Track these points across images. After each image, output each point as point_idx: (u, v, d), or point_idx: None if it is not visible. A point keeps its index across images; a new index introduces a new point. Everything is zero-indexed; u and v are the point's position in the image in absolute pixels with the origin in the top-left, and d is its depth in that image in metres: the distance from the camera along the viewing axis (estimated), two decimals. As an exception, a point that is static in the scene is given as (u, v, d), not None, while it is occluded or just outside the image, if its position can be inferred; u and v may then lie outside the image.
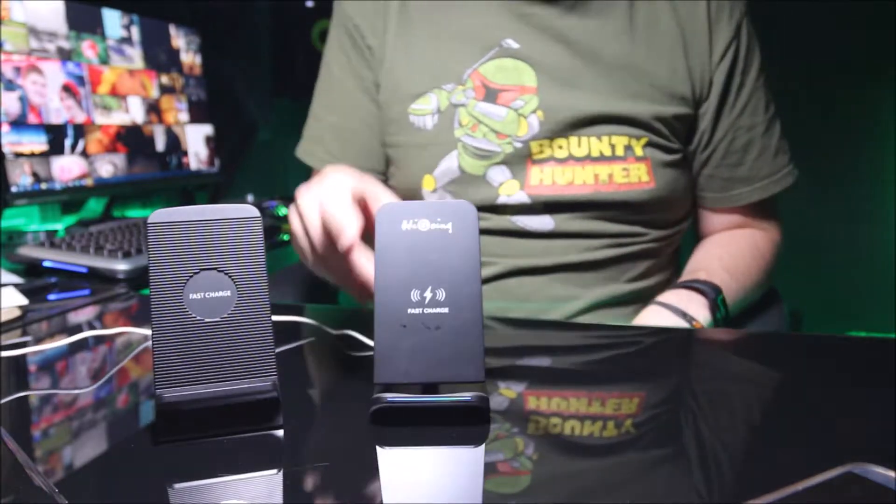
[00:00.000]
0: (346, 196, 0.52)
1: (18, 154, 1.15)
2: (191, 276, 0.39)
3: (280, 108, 2.00)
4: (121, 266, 0.90)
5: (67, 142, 1.24)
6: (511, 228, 0.76)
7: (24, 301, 0.69)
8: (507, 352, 0.58)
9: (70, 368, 0.55)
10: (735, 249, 0.81)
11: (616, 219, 0.76)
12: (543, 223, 0.76)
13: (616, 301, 0.78)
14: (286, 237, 1.31)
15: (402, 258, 0.41)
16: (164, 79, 1.49)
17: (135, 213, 1.53)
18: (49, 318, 0.69)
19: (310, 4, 1.96)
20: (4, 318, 0.65)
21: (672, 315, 0.71)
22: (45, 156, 1.19)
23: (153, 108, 1.45)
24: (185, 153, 1.55)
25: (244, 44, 1.80)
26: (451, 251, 0.41)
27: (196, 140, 1.58)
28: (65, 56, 1.24)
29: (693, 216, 0.86)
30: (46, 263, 0.94)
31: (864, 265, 1.53)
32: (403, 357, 0.40)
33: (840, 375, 0.51)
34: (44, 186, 1.19)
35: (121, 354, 0.57)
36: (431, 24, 0.78)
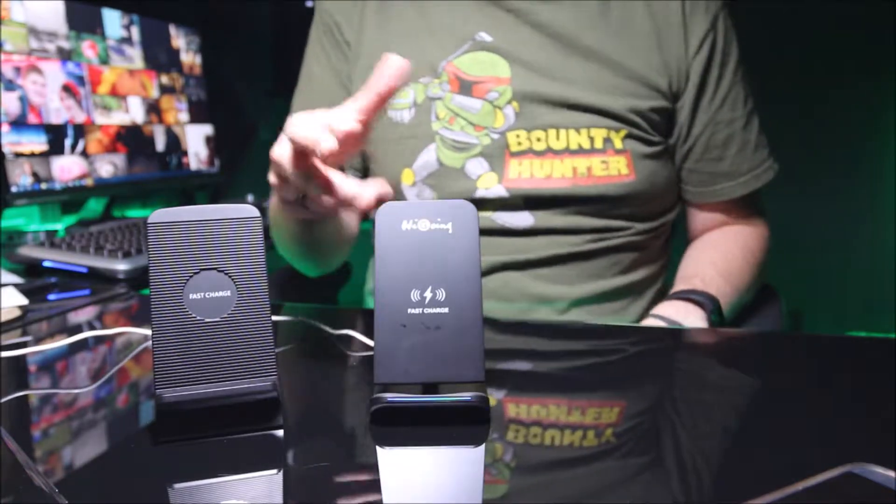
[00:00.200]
0: (315, 120, 0.50)
1: (18, 154, 1.15)
2: (191, 276, 0.39)
3: (280, 108, 1.99)
4: (121, 266, 0.90)
5: (67, 142, 1.24)
6: (491, 227, 0.76)
7: (24, 301, 0.69)
8: (507, 352, 0.58)
9: (70, 368, 0.55)
10: (727, 251, 0.81)
11: (597, 213, 0.76)
12: (523, 220, 0.76)
13: (604, 297, 0.78)
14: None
15: (402, 258, 0.41)
16: (164, 79, 1.49)
17: (135, 213, 1.53)
18: (49, 318, 0.69)
19: (310, 4, 1.96)
20: (4, 318, 0.65)
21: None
22: (45, 156, 1.19)
23: (153, 108, 1.45)
24: (185, 153, 1.55)
25: (244, 44, 1.80)
26: (451, 251, 0.41)
27: (196, 140, 1.58)
28: (65, 56, 1.24)
29: (681, 208, 0.86)
30: (46, 263, 0.94)
31: (864, 265, 1.53)
32: (403, 357, 0.40)
33: (840, 375, 0.51)
34: (44, 186, 1.19)
35: (121, 354, 0.57)
36: (407, 20, 0.79)
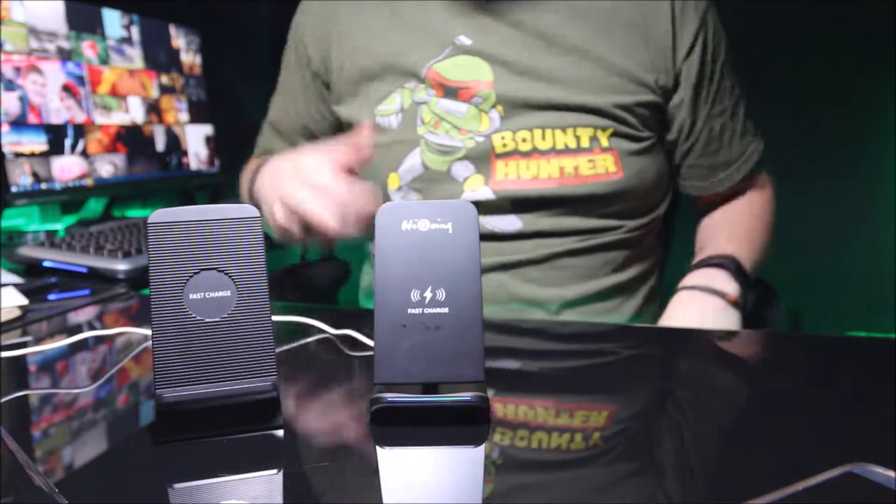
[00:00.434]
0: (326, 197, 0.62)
1: (18, 154, 1.15)
2: (191, 276, 0.39)
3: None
4: (121, 266, 0.90)
5: (67, 142, 1.24)
6: (480, 231, 0.76)
7: (24, 301, 0.69)
8: (507, 352, 0.58)
9: (70, 368, 0.55)
10: (733, 216, 0.83)
11: (586, 213, 0.76)
12: (511, 223, 0.75)
13: (597, 297, 0.77)
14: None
15: (402, 258, 0.41)
16: (164, 79, 1.49)
17: (135, 213, 1.52)
18: (49, 318, 0.69)
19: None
20: (4, 318, 0.65)
21: (705, 295, 0.71)
22: (45, 156, 1.19)
23: (153, 108, 1.45)
24: (185, 153, 1.55)
25: (244, 44, 1.80)
26: (451, 251, 0.41)
27: (196, 140, 1.58)
28: (65, 56, 1.24)
29: (671, 199, 0.86)
30: (46, 263, 0.94)
31: (864, 265, 1.53)
32: (403, 357, 0.40)
33: (840, 375, 0.51)
34: (44, 186, 1.19)
35: (121, 354, 0.57)
36: (385, 25, 0.79)
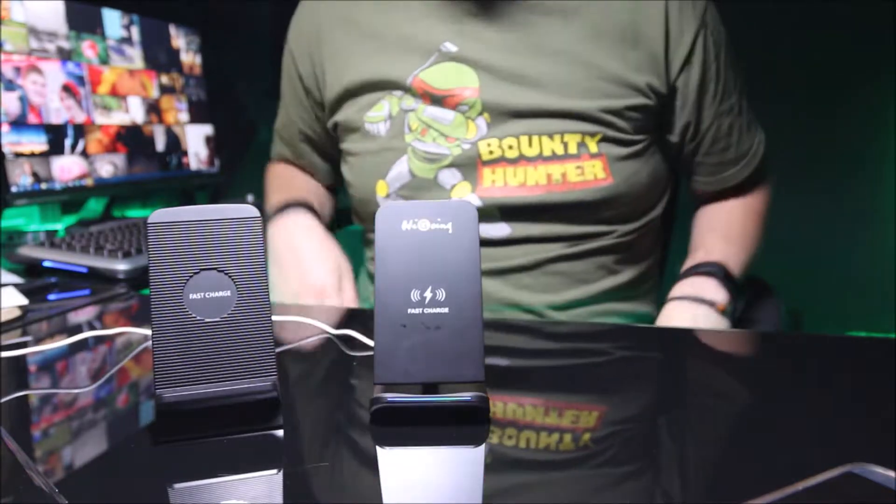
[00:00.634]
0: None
1: (18, 154, 1.15)
2: (191, 276, 0.39)
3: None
4: (121, 266, 0.90)
5: (67, 142, 1.24)
6: None
7: (24, 301, 0.69)
8: (507, 352, 0.58)
9: (70, 368, 0.55)
10: (729, 216, 0.83)
11: (575, 219, 0.75)
12: (499, 230, 0.75)
13: (591, 300, 0.77)
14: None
15: (402, 258, 0.41)
16: (164, 79, 1.49)
17: (135, 213, 1.52)
18: (49, 318, 0.69)
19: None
20: (4, 318, 0.65)
21: (694, 304, 0.71)
22: (45, 156, 1.19)
23: (153, 108, 1.45)
24: (185, 153, 1.55)
25: (244, 44, 1.80)
26: (451, 251, 0.41)
27: (196, 140, 1.58)
28: (65, 56, 1.24)
29: (669, 196, 0.86)
30: (46, 263, 0.94)
31: (864, 265, 1.53)
32: (403, 357, 0.40)
33: (840, 375, 0.51)
34: (44, 186, 1.19)
35: (121, 354, 0.57)
36: (370, 34, 0.78)
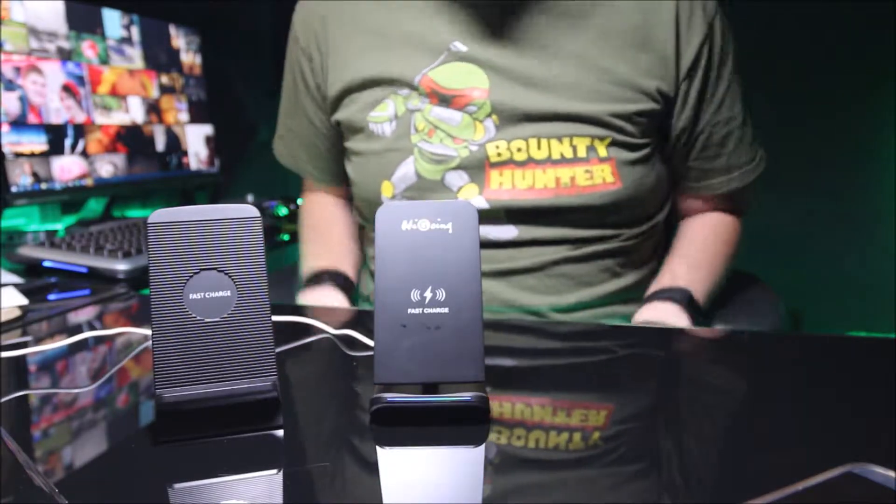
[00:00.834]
0: None
1: (18, 154, 1.15)
2: (191, 276, 0.39)
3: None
4: (121, 266, 0.90)
5: (67, 142, 1.24)
6: None
7: (24, 301, 0.69)
8: (507, 352, 0.58)
9: (70, 368, 0.55)
10: (701, 241, 0.82)
11: (583, 223, 0.74)
12: (506, 232, 0.74)
13: (596, 303, 0.77)
14: (286, 237, 1.32)
15: (402, 258, 0.41)
16: (164, 79, 1.49)
17: (135, 213, 1.53)
18: (49, 318, 0.69)
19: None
20: (4, 318, 0.65)
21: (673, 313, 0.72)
22: (45, 156, 1.19)
23: (153, 108, 1.45)
24: (185, 153, 1.55)
25: (244, 44, 1.80)
26: (451, 251, 0.41)
27: (196, 140, 1.58)
28: (65, 56, 1.24)
29: (671, 206, 0.85)
30: (46, 263, 0.94)
31: (864, 265, 1.53)
32: (403, 357, 0.40)
33: (840, 375, 0.51)
34: (44, 186, 1.19)
35: (121, 354, 0.57)
36: (377, 32, 0.77)
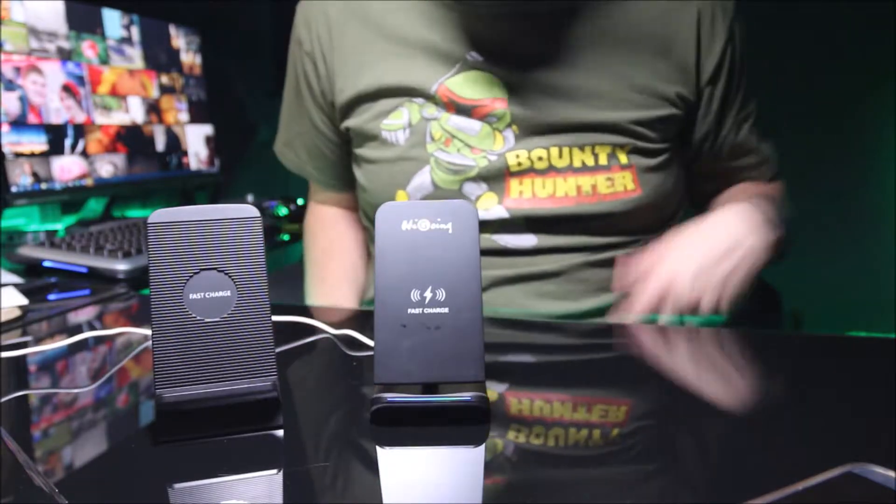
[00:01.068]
0: None
1: (18, 154, 1.15)
2: (191, 276, 0.39)
3: (280, 108, 1.99)
4: (121, 266, 0.90)
5: (67, 142, 1.24)
6: (492, 247, 0.73)
7: (24, 301, 0.69)
8: (507, 351, 0.58)
9: (70, 368, 0.55)
10: (743, 190, 0.83)
11: (603, 230, 0.73)
12: (526, 240, 0.73)
13: (609, 309, 0.75)
14: (286, 237, 1.32)
15: (402, 258, 0.41)
16: (164, 79, 1.49)
17: (135, 213, 1.53)
18: (49, 318, 0.69)
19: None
20: (4, 318, 0.65)
21: (736, 209, 0.72)
22: (45, 156, 1.19)
23: (153, 108, 1.45)
24: (185, 153, 1.55)
25: (244, 44, 1.80)
26: (451, 251, 0.41)
27: (196, 140, 1.58)
28: (65, 56, 1.24)
29: (685, 208, 0.84)
30: (46, 263, 0.94)
31: (865, 265, 1.53)
32: (403, 357, 0.40)
33: (840, 375, 0.51)
34: (44, 186, 1.19)
35: (121, 354, 0.57)
36: (392, 40, 0.75)
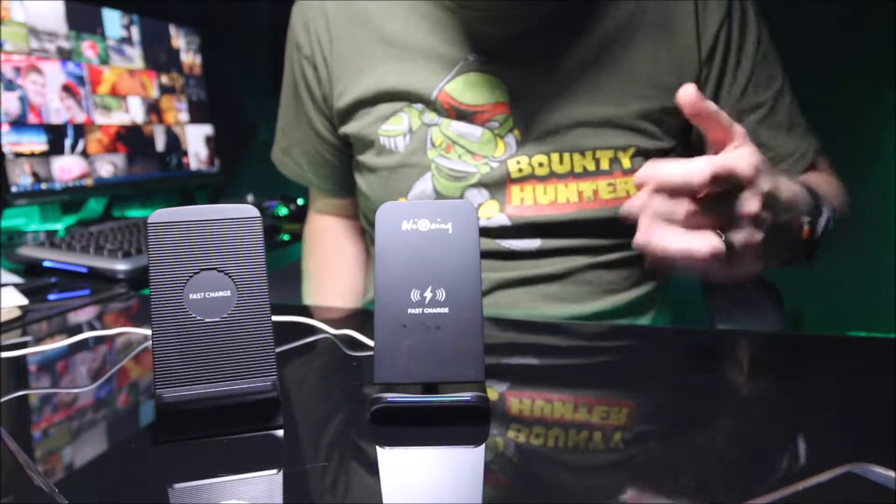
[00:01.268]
0: None
1: (18, 154, 1.15)
2: (191, 276, 0.39)
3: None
4: (121, 266, 0.90)
5: (67, 142, 1.24)
6: (495, 249, 0.73)
7: (24, 301, 0.69)
8: (507, 351, 0.58)
9: (70, 368, 0.55)
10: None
11: (605, 233, 0.73)
12: (529, 244, 0.73)
13: (615, 313, 0.75)
14: (286, 237, 1.32)
15: (402, 258, 0.41)
16: (164, 79, 1.49)
17: (135, 213, 1.53)
18: (49, 318, 0.69)
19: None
20: (4, 318, 0.65)
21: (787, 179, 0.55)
22: (45, 156, 1.20)
23: (153, 108, 1.45)
24: (185, 153, 1.55)
25: (244, 44, 1.80)
26: (451, 251, 0.41)
27: (196, 140, 1.58)
28: (65, 56, 1.24)
29: None
30: (46, 263, 0.94)
31: (864, 265, 1.53)
32: (403, 357, 0.40)
33: (840, 375, 0.51)
34: (44, 186, 1.19)
35: (121, 354, 0.57)
36: (392, 43, 0.74)
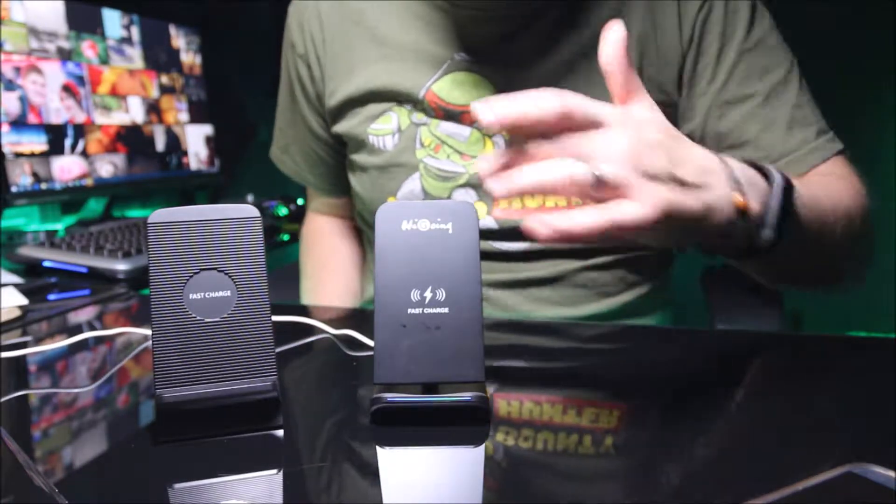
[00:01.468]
0: None
1: (18, 154, 1.15)
2: (191, 276, 0.39)
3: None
4: (121, 266, 0.90)
5: (67, 142, 1.24)
6: (487, 250, 0.73)
7: (24, 301, 0.69)
8: (507, 351, 0.58)
9: (70, 368, 0.55)
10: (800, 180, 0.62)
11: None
12: (517, 245, 0.72)
13: (609, 315, 0.75)
14: (286, 237, 1.32)
15: (402, 258, 0.41)
16: (164, 79, 1.49)
17: (135, 213, 1.53)
18: (49, 318, 0.69)
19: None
20: (4, 318, 0.65)
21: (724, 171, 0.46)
22: (45, 156, 1.20)
23: (153, 108, 1.45)
24: (185, 153, 1.55)
25: (244, 44, 1.80)
26: (451, 251, 0.41)
27: (196, 140, 1.58)
28: (65, 56, 1.24)
29: None
30: (46, 263, 0.94)
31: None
32: (403, 357, 0.40)
33: (840, 375, 0.51)
34: (44, 186, 1.19)
35: (121, 354, 0.57)
36: (383, 42, 0.73)
